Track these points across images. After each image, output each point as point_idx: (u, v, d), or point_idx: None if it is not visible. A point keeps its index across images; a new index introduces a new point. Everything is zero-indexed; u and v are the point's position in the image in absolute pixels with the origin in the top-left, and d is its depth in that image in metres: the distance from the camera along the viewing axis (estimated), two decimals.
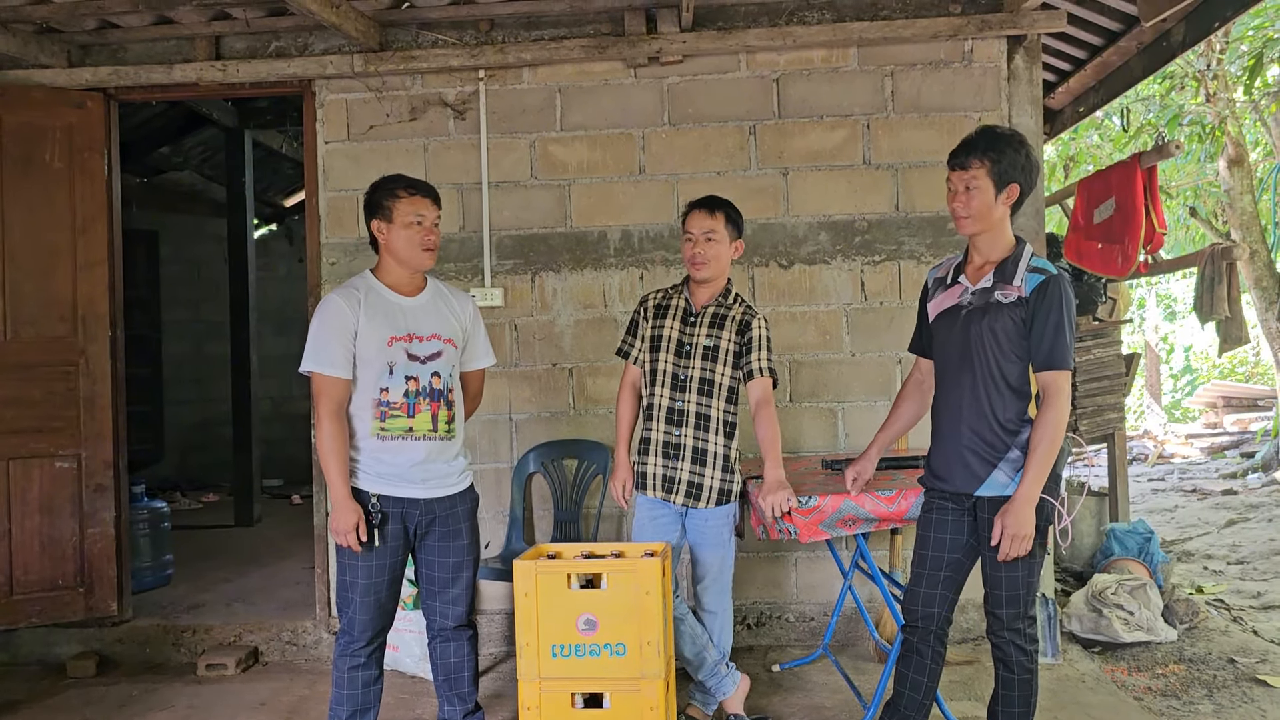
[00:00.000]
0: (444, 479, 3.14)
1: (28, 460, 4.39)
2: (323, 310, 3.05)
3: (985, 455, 2.82)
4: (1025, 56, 4.42)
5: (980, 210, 2.80)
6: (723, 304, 3.42)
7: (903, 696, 3.03)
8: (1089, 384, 5.65)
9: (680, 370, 3.39)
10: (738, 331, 3.38)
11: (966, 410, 2.85)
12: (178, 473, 9.15)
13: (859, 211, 4.46)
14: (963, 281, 2.91)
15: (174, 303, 9.28)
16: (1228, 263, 5.24)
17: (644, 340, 3.48)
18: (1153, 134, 9.04)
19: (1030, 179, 2.81)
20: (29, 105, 4.43)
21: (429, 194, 3.13)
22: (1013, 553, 2.74)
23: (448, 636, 3.24)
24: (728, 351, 3.37)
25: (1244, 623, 4.81)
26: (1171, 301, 16.77)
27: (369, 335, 3.03)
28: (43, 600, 4.41)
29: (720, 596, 3.48)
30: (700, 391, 3.37)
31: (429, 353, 3.11)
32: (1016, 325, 2.77)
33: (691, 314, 3.42)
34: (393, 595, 3.13)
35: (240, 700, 4.02)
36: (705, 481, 3.38)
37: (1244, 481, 9.10)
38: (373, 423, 3.04)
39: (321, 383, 3.00)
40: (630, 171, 4.50)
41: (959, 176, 2.82)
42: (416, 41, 4.50)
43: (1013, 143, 2.79)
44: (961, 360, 2.87)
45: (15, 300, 4.38)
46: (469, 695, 3.30)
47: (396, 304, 3.11)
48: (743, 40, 4.33)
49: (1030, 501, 2.72)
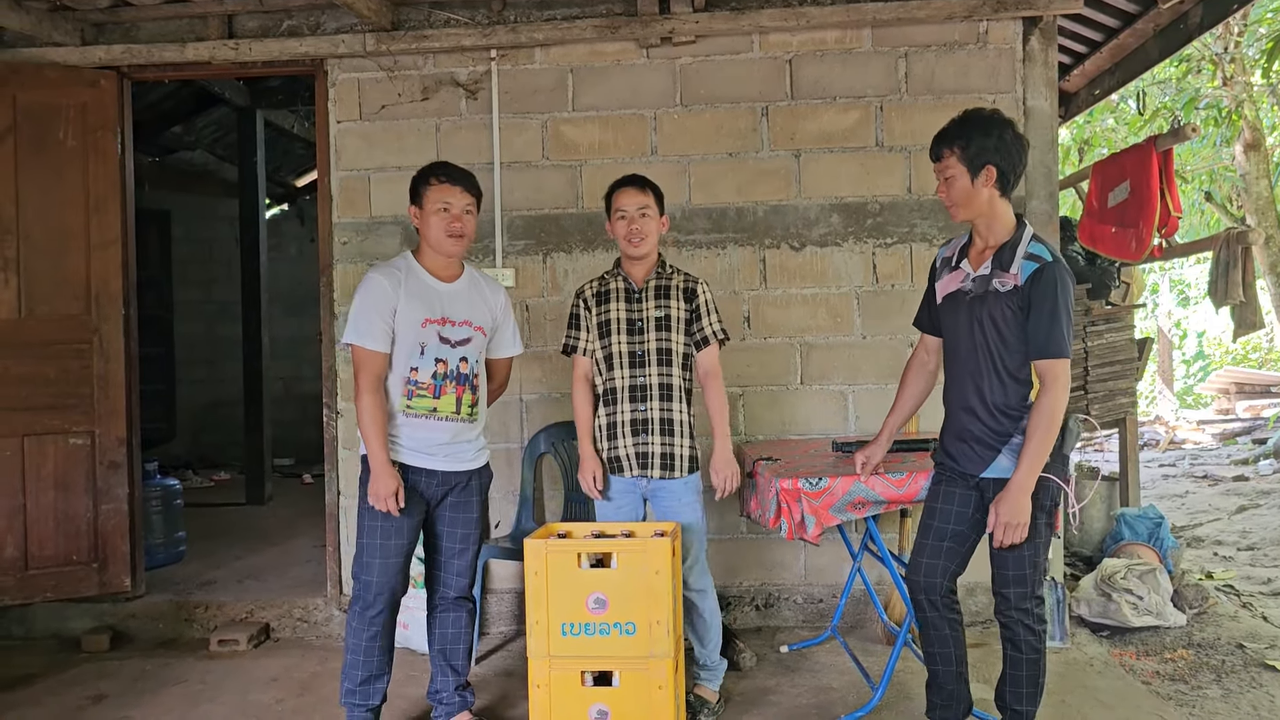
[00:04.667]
0: (462, 454, 3.27)
1: (42, 437, 4.42)
2: (366, 286, 3.17)
3: (990, 440, 2.85)
4: (1041, 38, 4.38)
5: (961, 198, 2.83)
6: (662, 275, 3.47)
7: (937, 673, 3.07)
8: (1101, 368, 5.63)
9: (636, 347, 3.41)
10: (684, 298, 3.43)
11: (970, 395, 2.88)
12: (189, 451, 9.21)
13: (871, 194, 4.44)
14: (964, 267, 2.92)
15: (186, 283, 9.32)
16: (1243, 247, 5.21)
17: (590, 330, 3.50)
18: (1168, 118, 8.98)
19: (1011, 158, 2.79)
20: (43, 84, 4.44)
21: (460, 182, 3.21)
22: (1007, 540, 2.77)
23: (448, 607, 3.36)
24: (679, 319, 3.42)
25: (1253, 608, 4.80)
26: (1185, 287, 16.70)
27: (406, 314, 3.15)
28: (57, 575, 4.45)
29: (704, 573, 3.49)
30: (660, 363, 3.40)
31: (460, 338, 3.23)
32: (1014, 314, 2.77)
33: (634, 291, 3.45)
34: (407, 560, 3.26)
35: (252, 676, 4.06)
36: (676, 450, 3.40)
37: (1255, 468, 9.07)
38: (400, 399, 3.18)
39: (362, 355, 3.13)
40: (642, 153, 4.49)
41: (937, 168, 2.88)
42: (429, 21, 4.49)
43: (982, 125, 2.80)
44: (965, 346, 2.89)
45: (30, 278, 4.40)
46: (462, 668, 3.41)
47: (434, 288, 3.22)
48: (756, 21, 4.31)
49: (1024, 490, 2.74)
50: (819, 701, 3.64)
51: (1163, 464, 9.94)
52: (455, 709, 3.38)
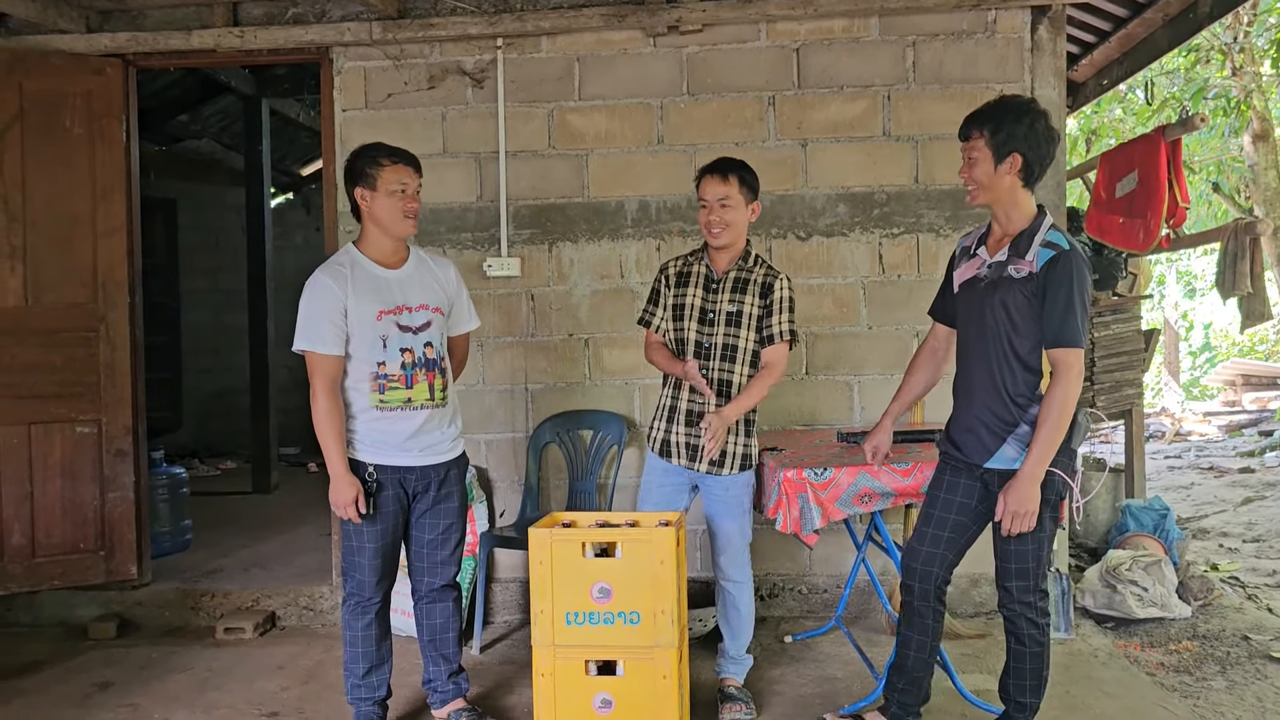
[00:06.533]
0: (438, 446, 3.23)
1: (49, 425, 4.43)
2: (311, 289, 3.11)
3: (996, 429, 2.84)
4: (1049, 28, 4.36)
5: (982, 180, 2.82)
6: (744, 267, 3.41)
7: (908, 658, 3.07)
8: (1107, 359, 5.62)
9: (704, 338, 3.38)
10: (760, 294, 3.37)
11: (980, 382, 2.87)
12: (196, 440, 9.23)
13: (878, 184, 4.43)
14: (981, 254, 2.91)
15: (192, 271, 9.32)
16: (1251, 238, 5.18)
17: (666, 309, 3.47)
18: (1177, 108, 8.94)
19: (1040, 149, 2.77)
20: (49, 71, 4.44)
21: (411, 162, 3.18)
22: (1015, 529, 2.76)
23: (434, 597, 3.35)
24: (751, 315, 3.37)
25: (1258, 600, 4.79)
26: (1192, 278, 16.64)
27: (359, 311, 3.09)
28: (64, 563, 4.47)
29: (744, 566, 3.48)
30: (724, 358, 3.37)
31: (420, 323, 3.18)
32: (1028, 300, 2.76)
33: (714, 280, 3.41)
34: (396, 553, 3.27)
35: (258, 663, 4.07)
36: (729, 448, 3.38)
37: (1261, 460, 9.05)
38: (371, 395, 3.12)
39: (315, 360, 3.07)
40: (648, 142, 4.48)
41: (963, 148, 2.87)
42: (435, 9, 4.48)
43: (1015, 112, 2.77)
44: (978, 332, 2.88)
45: (36, 266, 4.40)
46: (453, 656, 3.41)
47: (383, 277, 3.16)
48: (763, 9, 4.29)
49: (1034, 480, 2.73)
50: (823, 691, 3.64)
51: (1168, 455, 9.93)
52: (450, 696, 3.39)
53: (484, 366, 4.55)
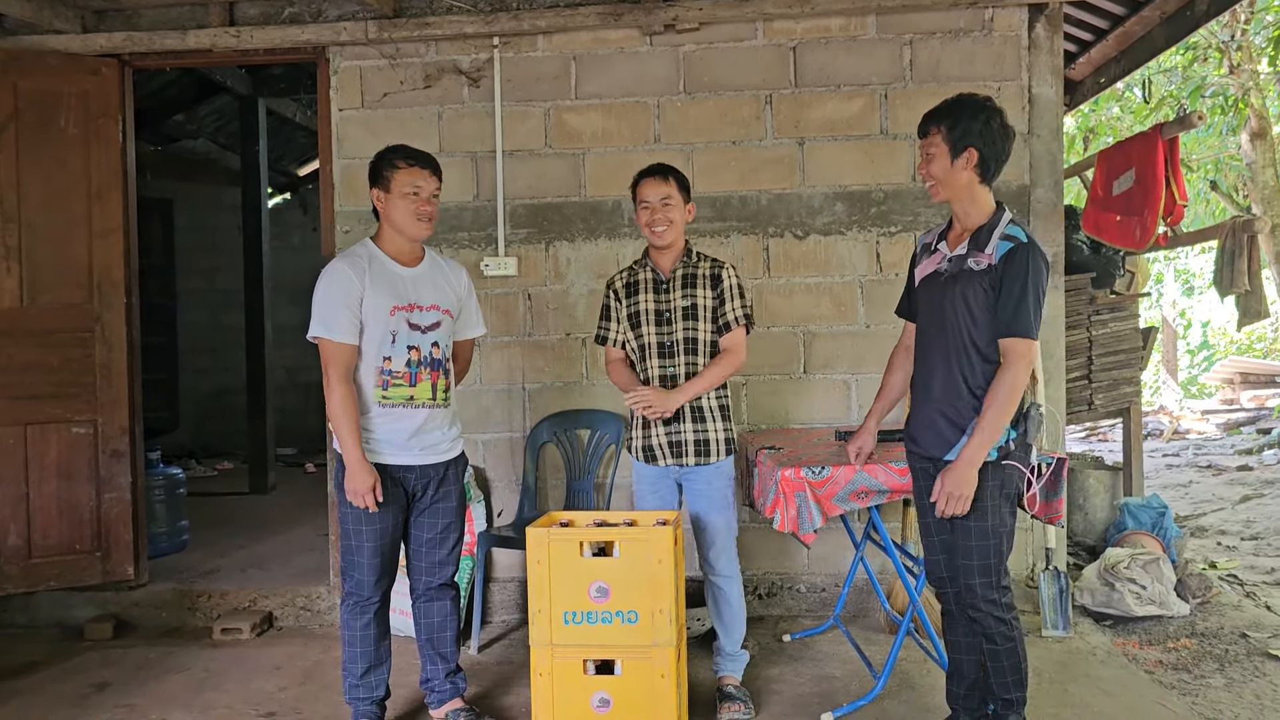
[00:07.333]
0: (438, 446, 3.24)
1: (45, 426, 4.42)
2: (329, 277, 3.12)
3: (954, 420, 2.85)
4: (1046, 26, 4.35)
5: (939, 175, 2.85)
6: (689, 263, 3.47)
7: (960, 662, 3.06)
8: (1105, 358, 5.62)
9: (665, 338, 3.43)
10: (710, 286, 3.43)
11: (939, 375, 2.89)
12: (193, 440, 9.23)
13: (875, 182, 4.43)
14: (942, 249, 2.94)
15: (189, 271, 9.31)
16: (1248, 236, 5.18)
17: (620, 321, 3.52)
18: (1174, 106, 8.95)
19: (995, 145, 2.80)
20: (44, 71, 4.43)
21: (428, 165, 3.18)
22: (948, 511, 2.78)
23: (432, 596, 3.35)
24: (706, 308, 3.43)
25: (1257, 598, 4.79)
26: (1190, 277, 16.66)
27: (374, 303, 3.10)
28: (61, 564, 4.46)
29: (733, 560, 3.50)
30: (688, 351, 3.42)
31: (429, 322, 3.19)
32: (987, 293, 2.78)
33: (662, 281, 3.47)
34: (395, 552, 3.26)
35: (255, 664, 4.06)
36: (710, 435, 3.41)
37: (1259, 458, 9.05)
38: (375, 390, 3.14)
39: (331, 349, 3.07)
40: (645, 141, 4.47)
41: (922, 144, 2.91)
42: (431, 8, 4.47)
43: (971, 109, 2.80)
44: (938, 326, 2.90)
45: (32, 267, 4.39)
46: (451, 655, 3.40)
47: (398, 274, 3.18)
48: (760, 8, 4.29)
49: (972, 464, 2.75)
50: (821, 690, 3.64)
51: (1167, 454, 9.93)
52: (447, 696, 3.38)
53: (481, 366, 4.55)
